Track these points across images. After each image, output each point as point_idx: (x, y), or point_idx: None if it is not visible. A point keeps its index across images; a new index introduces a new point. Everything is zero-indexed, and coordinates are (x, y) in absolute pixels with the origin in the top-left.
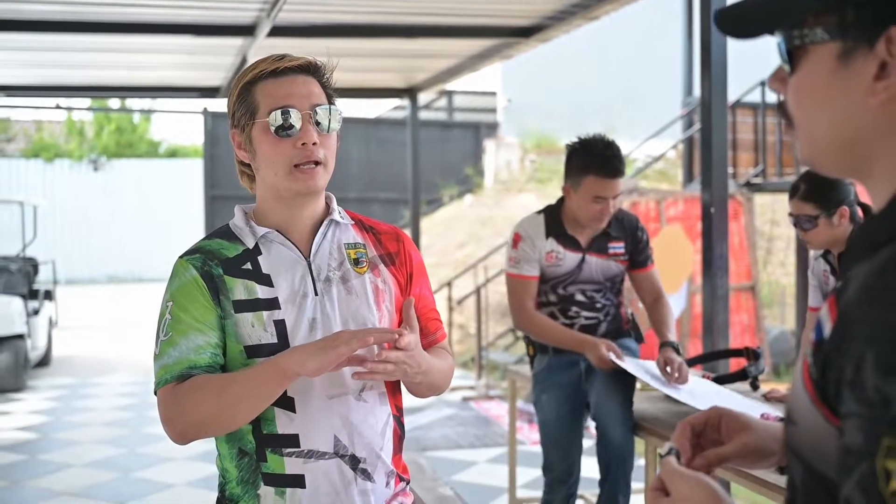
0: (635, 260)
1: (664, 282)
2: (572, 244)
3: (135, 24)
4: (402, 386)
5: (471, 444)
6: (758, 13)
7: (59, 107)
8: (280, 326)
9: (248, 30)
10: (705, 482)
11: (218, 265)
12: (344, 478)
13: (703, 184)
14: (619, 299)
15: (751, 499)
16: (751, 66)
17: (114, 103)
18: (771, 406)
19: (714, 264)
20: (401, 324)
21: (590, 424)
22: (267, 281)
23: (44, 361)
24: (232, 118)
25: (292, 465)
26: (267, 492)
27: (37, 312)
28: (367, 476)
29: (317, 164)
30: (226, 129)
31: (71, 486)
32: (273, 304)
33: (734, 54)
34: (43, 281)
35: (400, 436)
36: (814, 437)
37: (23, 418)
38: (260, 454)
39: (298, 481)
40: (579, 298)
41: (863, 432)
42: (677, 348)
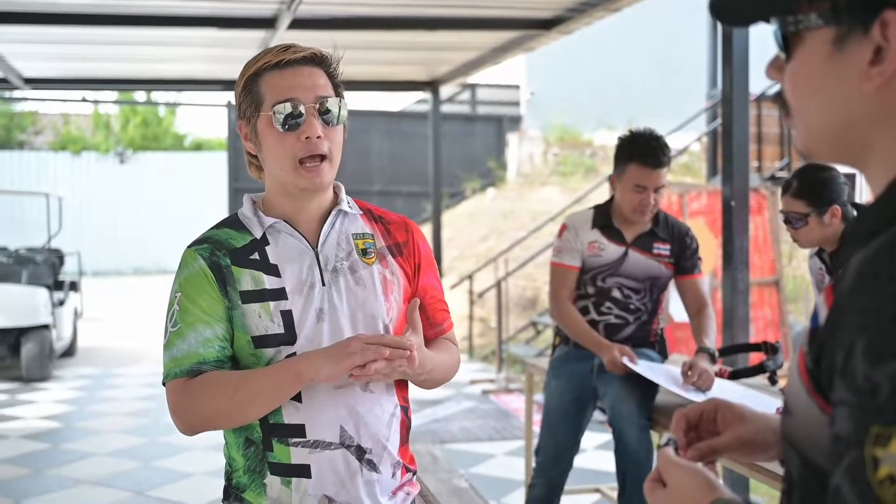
0: (682, 265)
1: None
2: (617, 237)
3: (159, 16)
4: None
5: (489, 437)
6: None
7: (85, 100)
8: (287, 317)
9: (269, 22)
10: (700, 472)
11: (226, 255)
12: (349, 468)
13: (723, 177)
14: (655, 308)
15: (771, 494)
16: None
17: (139, 96)
18: None
19: (734, 258)
20: (406, 322)
21: (601, 418)
22: (274, 271)
23: (69, 352)
24: (238, 109)
25: (298, 455)
26: (273, 481)
27: (62, 303)
28: (373, 467)
29: (322, 158)
30: None
31: (92, 474)
32: (280, 295)
33: (759, 47)
34: (69, 272)
35: (407, 427)
36: (809, 428)
37: (47, 407)
38: (266, 443)
39: (304, 471)
40: (615, 295)
41: (852, 420)
42: (713, 355)
